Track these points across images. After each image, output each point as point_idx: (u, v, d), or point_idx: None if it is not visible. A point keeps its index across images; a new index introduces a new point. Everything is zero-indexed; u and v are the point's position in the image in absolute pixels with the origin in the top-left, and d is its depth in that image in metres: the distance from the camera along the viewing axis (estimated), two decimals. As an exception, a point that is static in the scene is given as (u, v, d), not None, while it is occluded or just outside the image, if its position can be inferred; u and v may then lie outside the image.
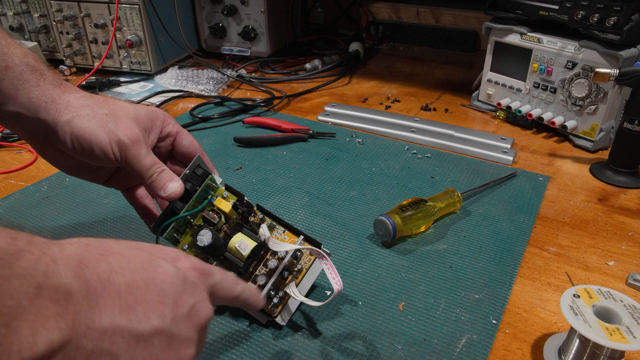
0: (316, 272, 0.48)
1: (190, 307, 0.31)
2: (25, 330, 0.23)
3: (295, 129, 0.85)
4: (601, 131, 0.80)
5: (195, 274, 0.33)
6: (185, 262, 0.33)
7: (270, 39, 1.22)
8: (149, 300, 0.28)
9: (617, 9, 0.73)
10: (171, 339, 0.29)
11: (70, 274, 0.25)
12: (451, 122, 0.92)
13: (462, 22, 1.34)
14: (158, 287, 0.29)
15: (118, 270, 0.28)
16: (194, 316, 0.31)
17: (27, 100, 0.42)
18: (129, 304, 0.27)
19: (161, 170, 0.44)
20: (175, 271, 0.31)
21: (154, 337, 0.28)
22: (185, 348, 0.30)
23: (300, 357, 0.44)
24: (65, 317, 0.24)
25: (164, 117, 0.48)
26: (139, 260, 0.30)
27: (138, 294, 0.28)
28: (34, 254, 0.24)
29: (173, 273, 0.30)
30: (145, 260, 0.30)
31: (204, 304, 0.32)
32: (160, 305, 0.29)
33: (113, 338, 0.26)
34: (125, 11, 1.06)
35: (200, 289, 0.32)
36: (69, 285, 0.25)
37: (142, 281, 0.29)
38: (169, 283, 0.30)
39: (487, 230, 0.62)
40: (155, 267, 0.30)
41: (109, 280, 0.27)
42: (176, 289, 0.30)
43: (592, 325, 0.39)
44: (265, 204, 0.66)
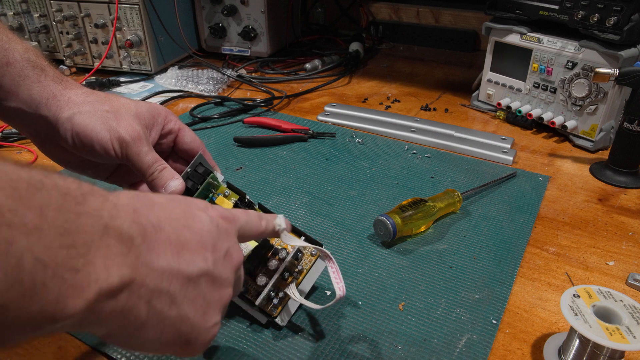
0: (317, 273, 0.48)
1: (226, 251, 0.34)
2: (100, 263, 0.25)
3: (295, 129, 0.85)
4: (601, 131, 0.80)
5: (224, 221, 0.35)
6: (213, 211, 0.35)
7: (270, 39, 1.22)
8: (193, 246, 0.31)
9: (617, 9, 0.73)
10: (214, 279, 0.32)
11: (129, 219, 0.28)
12: (451, 122, 0.92)
13: (462, 22, 1.34)
14: (198, 235, 0.32)
15: (165, 219, 0.30)
16: (229, 259, 0.34)
17: (28, 96, 0.42)
18: (178, 249, 0.30)
19: (162, 168, 0.44)
20: (209, 219, 0.33)
21: (201, 278, 0.31)
22: (226, 288, 0.33)
23: (300, 357, 0.44)
24: (130, 257, 0.27)
25: (165, 114, 0.48)
26: (178, 210, 0.32)
27: (184, 240, 0.31)
28: (98, 198, 0.26)
29: (208, 221, 0.33)
30: (184, 210, 0.32)
31: (235, 248, 0.35)
32: (203, 250, 0.31)
33: (170, 279, 0.29)
34: (125, 11, 1.06)
35: (231, 234, 0.35)
36: (130, 228, 0.27)
37: (185, 229, 0.31)
38: (206, 230, 0.32)
39: (487, 230, 0.61)
40: (192, 216, 0.32)
41: (160, 227, 0.30)
42: (213, 236, 0.33)
43: (592, 325, 0.39)
44: (265, 204, 0.65)
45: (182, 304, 0.30)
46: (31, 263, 0.22)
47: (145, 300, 0.28)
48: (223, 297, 0.33)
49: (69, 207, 0.24)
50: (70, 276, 0.23)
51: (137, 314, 0.27)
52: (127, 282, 0.26)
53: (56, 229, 0.23)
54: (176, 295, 0.29)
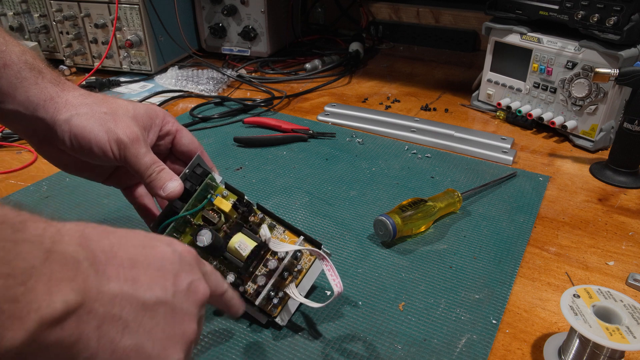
0: (316, 272, 0.48)
1: (189, 284, 0.32)
2: (42, 290, 0.23)
3: (295, 129, 0.85)
4: (601, 131, 0.80)
5: (189, 255, 0.34)
6: (179, 246, 0.33)
7: (270, 39, 1.22)
8: (150, 274, 0.29)
9: (617, 9, 0.73)
10: (174, 311, 0.30)
11: (75, 243, 0.26)
12: (451, 122, 0.92)
13: (462, 22, 1.34)
14: (158, 263, 0.30)
15: (119, 246, 0.29)
16: (193, 292, 0.32)
17: (26, 98, 0.42)
18: (133, 275, 0.28)
19: (160, 169, 0.44)
20: (172, 250, 0.32)
21: (159, 307, 0.29)
22: (189, 322, 0.31)
23: (300, 357, 0.44)
24: (77, 281, 0.25)
25: (163, 116, 0.48)
26: (136, 239, 0.31)
27: (140, 267, 0.29)
28: (39, 224, 0.25)
29: (170, 252, 0.32)
30: (143, 240, 0.31)
31: (200, 282, 0.33)
32: (162, 279, 0.30)
33: (122, 304, 0.27)
34: (125, 11, 1.06)
35: (195, 269, 0.33)
36: (75, 252, 0.26)
37: (142, 256, 0.30)
38: (167, 260, 0.31)
39: (487, 230, 0.61)
40: (152, 246, 0.31)
41: (112, 253, 0.28)
42: (174, 266, 0.31)
43: (592, 325, 0.39)
44: (265, 204, 0.66)
45: (137, 333, 0.28)
46: None
47: (95, 327, 0.26)
48: (186, 333, 0.31)
49: (5, 235, 0.23)
50: (8, 307, 0.22)
51: (87, 343, 0.25)
52: (73, 308, 0.24)
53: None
54: (129, 322, 0.27)
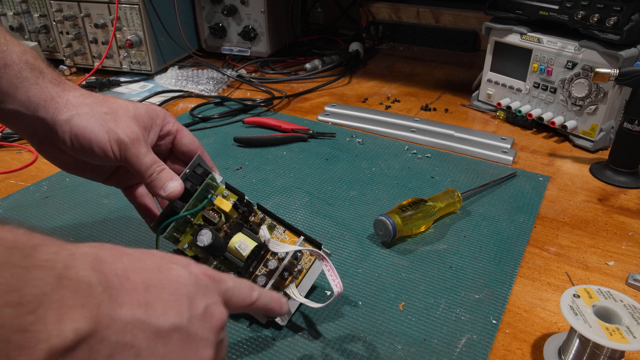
0: (316, 272, 0.48)
1: (205, 309, 0.31)
2: (52, 318, 0.23)
3: (295, 129, 0.85)
4: (601, 131, 0.80)
5: (206, 278, 0.32)
6: (195, 268, 0.33)
7: (270, 39, 1.22)
8: (165, 299, 0.28)
9: (617, 9, 0.73)
10: (189, 337, 0.29)
11: (89, 267, 0.26)
12: (451, 122, 0.92)
13: (462, 22, 1.34)
14: (172, 287, 0.29)
15: (133, 269, 0.28)
16: (209, 318, 0.31)
17: (26, 98, 0.42)
18: (146, 300, 0.27)
19: (161, 169, 0.44)
20: (187, 273, 0.31)
21: (173, 334, 0.28)
22: (204, 349, 0.30)
23: (300, 357, 0.44)
24: (89, 308, 0.24)
25: (163, 115, 0.48)
26: (151, 262, 0.30)
27: (154, 291, 0.28)
28: (52, 248, 0.25)
29: (185, 275, 0.30)
30: (158, 263, 0.30)
31: (217, 307, 0.32)
32: (177, 304, 0.29)
33: (134, 331, 0.26)
34: (125, 11, 1.06)
35: (213, 292, 0.32)
36: (88, 277, 0.25)
37: (157, 280, 0.29)
38: (182, 284, 0.30)
39: (487, 230, 0.61)
40: (168, 269, 0.30)
41: (126, 277, 0.27)
42: (189, 290, 0.30)
43: (592, 325, 0.39)
44: (265, 204, 0.66)
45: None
46: None
47: (107, 355, 0.25)
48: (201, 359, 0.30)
49: (16, 262, 0.22)
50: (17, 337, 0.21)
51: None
52: (84, 336, 0.24)
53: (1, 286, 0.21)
54: (142, 350, 0.26)
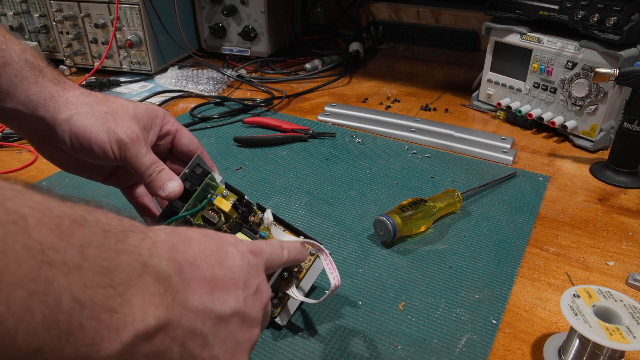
0: (316, 272, 0.48)
1: (256, 288, 0.33)
2: (137, 303, 0.24)
3: (295, 129, 0.85)
4: (601, 131, 0.80)
5: (253, 256, 0.35)
6: (242, 246, 0.35)
7: (270, 39, 1.22)
8: (226, 284, 0.31)
9: (617, 9, 0.73)
10: (244, 318, 0.32)
11: (167, 256, 0.28)
12: (451, 122, 0.92)
13: (462, 22, 1.34)
14: (231, 271, 0.32)
15: (200, 256, 0.30)
16: (259, 296, 0.34)
17: (26, 97, 0.42)
18: (211, 287, 0.30)
19: (160, 169, 0.44)
20: (241, 255, 0.33)
21: (232, 318, 0.31)
22: (254, 327, 0.33)
23: (300, 357, 0.44)
24: (167, 297, 0.26)
25: (163, 115, 0.48)
26: (212, 246, 0.32)
27: (218, 277, 0.31)
28: (138, 234, 0.26)
29: (239, 257, 0.33)
30: (217, 246, 0.32)
31: (264, 285, 0.35)
32: (234, 288, 0.31)
33: (204, 319, 0.29)
34: (125, 11, 1.06)
35: (261, 269, 0.35)
36: (168, 266, 0.27)
37: (218, 266, 0.31)
38: (238, 267, 0.32)
39: (487, 230, 0.61)
40: (225, 252, 0.32)
41: (196, 264, 0.30)
42: (244, 272, 0.33)
43: (592, 325, 0.39)
44: (265, 204, 0.65)
45: (214, 346, 0.30)
46: (69, 303, 0.21)
47: (180, 343, 0.27)
48: (252, 337, 0.33)
49: (110, 245, 0.24)
50: (107, 317, 0.23)
51: (170, 357, 0.27)
52: (163, 324, 0.26)
53: (96, 267, 0.23)
54: (208, 337, 0.29)
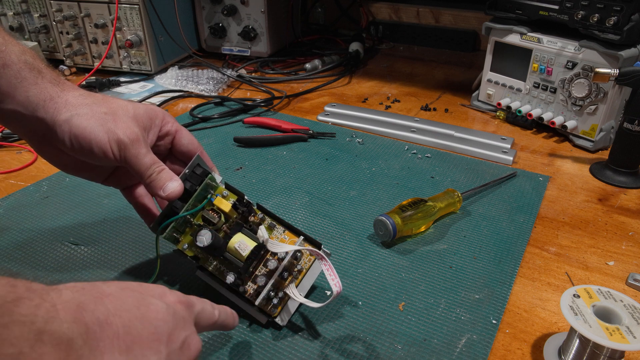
0: (316, 272, 0.48)
1: (182, 341, 0.32)
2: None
3: (295, 129, 0.85)
4: (601, 131, 0.80)
5: (181, 307, 0.34)
6: (171, 297, 0.33)
7: (270, 39, 1.22)
8: (144, 339, 0.29)
9: (617, 9, 0.73)
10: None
11: (70, 318, 0.26)
12: (451, 122, 0.92)
13: (462, 22, 1.34)
14: (152, 325, 0.30)
15: (114, 312, 0.29)
16: (186, 350, 0.32)
17: (25, 98, 0.42)
18: (127, 345, 0.28)
19: (160, 170, 0.44)
20: (166, 307, 0.32)
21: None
22: None
23: (300, 357, 0.44)
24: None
25: (163, 116, 0.48)
26: (131, 300, 0.30)
27: (135, 333, 0.29)
28: (33, 301, 0.25)
29: (164, 309, 0.31)
30: (137, 299, 0.31)
31: (193, 338, 0.33)
32: (156, 343, 0.30)
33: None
34: (125, 11, 1.06)
35: (189, 322, 0.34)
36: (69, 330, 0.25)
37: (137, 320, 0.29)
38: (161, 320, 0.31)
39: (487, 230, 0.61)
40: (147, 305, 0.31)
41: (107, 322, 0.28)
42: (169, 325, 0.31)
43: (592, 325, 0.39)
44: (265, 204, 0.66)
45: None
46: None
47: None
48: None
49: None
50: None
51: None
52: None
53: None
54: None
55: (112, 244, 0.59)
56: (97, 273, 0.54)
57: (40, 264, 0.55)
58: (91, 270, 0.54)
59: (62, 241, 0.59)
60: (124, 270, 0.55)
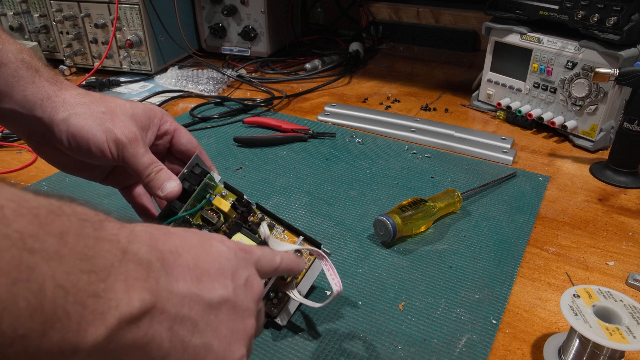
0: (316, 272, 0.48)
1: (246, 280, 0.33)
2: (120, 287, 0.24)
3: (295, 129, 0.85)
4: (601, 131, 0.80)
5: (241, 251, 0.34)
6: (230, 242, 0.34)
7: (270, 39, 1.21)
8: (212, 273, 0.30)
9: (617, 9, 0.73)
10: (235, 308, 0.31)
11: (147, 244, 0.28)
12: (451, 122, 0.92)
13: (462, 22, 1.34)
14: (217, 261, 0.31)
15: (182, 247, 0.30)
16: (250, 288, 0.33)
17: (23, 97, 0.42)
18: (197, 276, 0.30)
19: (159, 170, 0.44)
20: (227, 248, 0.33)
21: (222, 306, 0.30)
22: (248, 318, 0.32)
23: (300, 357, 0.44)
24: (150, 282, 0.26)
25: (161, 115, 0.48)
26: (195, 240, 0.32)
27: (203, 266, 0.30)
28: (116, 224, 0.27)
29: (226, 250, 0.33)
30: (201, 240, 0.32)
31: (255, 278, 0.34)
32: (222, 277, 0.31)
33: (191, 304, 0.28)
34: (125, 11, 1.06)
35: (250, 264, 0.35)
36: (148, 253, 0.27)
37: (203, 255, 0.31)
38: (224, 258, 0.32)
39: (487, 230, 0.61)
40: (210, 245, 0.32)
41: (178, 254, 0.29)
42: (232, 263, 0.32)
43: (592, 325, 0.39)
44: (265, 204, 0.65)
45: (206, 332, 0.29)
46: (53, 289, 0.21)
47: (167, 327, 0.27)
48: (247, 328, 0.32)
49: (88, 233, 0.24)
50: (91, 302, 0.23)
51: (160, 343, 0.27)
52: (148, 308, 0.26)
53: (76, 254, 0.23)
54: (198, 322, 0.29)
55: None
56: (97, 273, 0.54)
57: (39, 263, 0.55)
58: (91, 270, 0.54)
59: (62, 241, 0.59)
60: (123, 270, 0.54)
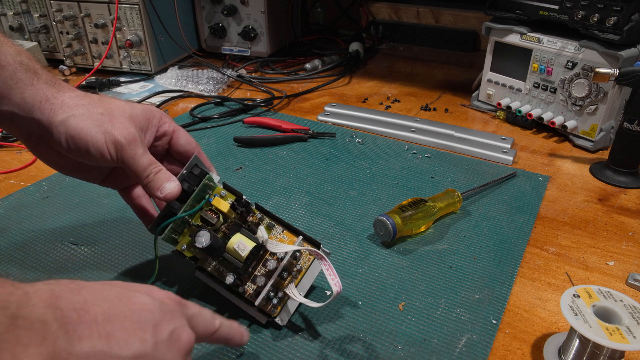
0: (315, 272, 0.48)
1: (171, 333, 0.30)
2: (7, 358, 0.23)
3: (295, 129, 0.85)
4: (601, 131, 0.80)
5: (170, 302, 0.32)
6: (159, 293, 0.32)
7: (270, 39, 1.21)
8: (127, 327, 0.28)
9: (617, 9, 0.73)
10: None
11: (44, 304, 0.25)
12: (451, 122, 0.92)
13: (462, 22, 1.34)
14: (136, 315, 0.29)
15: (92, 301, 0.28)
16: (176, 341, 0.30)
17: (21, 99, 0.42)
18: (107, 332, 0.27)
19: (158, 171, 0.44)
20: (151, 299, 0.31)
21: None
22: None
23: (300, 357, 0.44)
24: (45, 345, 0.24)
25: (160, 116, 0.48)
26: (112, 292, 0.29)
27: (116, 321, 0.28)
28: (5, 288, 0.25)
29: (149, 301, 0.30)
30: (119, 293, 0.30)
31: (184, 329, 0.32)
32: (140, 332, 0.28)
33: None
34: (125, 11, 1.06)
35: (178, 315, 0.32)
36: (43, 314, 0.25)
37: (118, 310, 0.28)
38: (146, 310, 0.30)
39: (487, 230, 0.61)
40: (129, 297, 0.30)
41: (84, 310, 0.27)
42: (154, 316, 0.30)
43: (592, 325, 0.39)
44: (265, 204, 0.65)
45: None
46: None
47: None
48: None
49: None
50: None
51: None
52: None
53: None
54: None
55: (112, 244, 0.59)
56: (97, 273, 0.54)
57: (40, 264, 0.55)
58: (91, 271, 0.54)
59: (62, 241, 0.59)
60: (123, 271, 0.54)
